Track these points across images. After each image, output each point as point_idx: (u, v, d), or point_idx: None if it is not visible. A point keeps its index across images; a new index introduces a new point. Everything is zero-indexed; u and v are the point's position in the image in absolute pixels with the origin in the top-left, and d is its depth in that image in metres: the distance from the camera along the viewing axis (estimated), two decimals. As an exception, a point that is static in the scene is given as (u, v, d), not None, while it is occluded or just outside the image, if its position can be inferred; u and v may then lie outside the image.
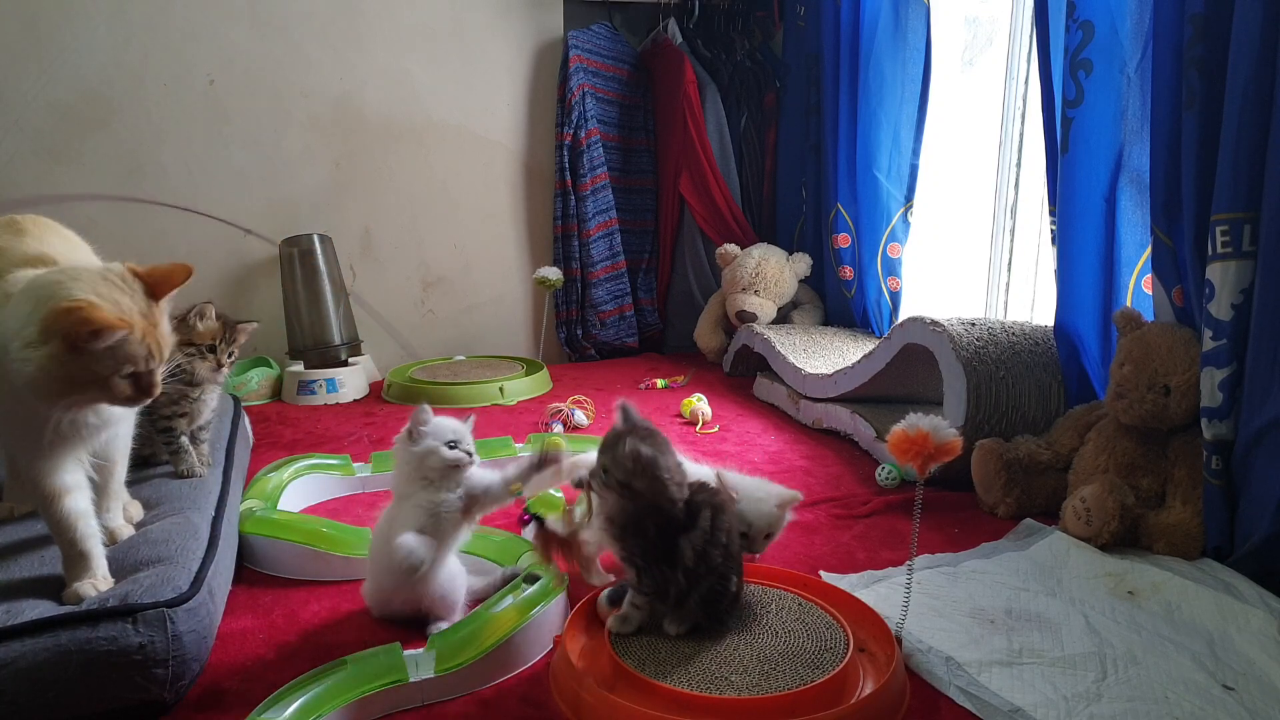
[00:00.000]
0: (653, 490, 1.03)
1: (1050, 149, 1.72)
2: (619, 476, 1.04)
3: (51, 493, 1.02)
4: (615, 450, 1.05)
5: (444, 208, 3.01)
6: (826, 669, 1.00)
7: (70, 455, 1.04)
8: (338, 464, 1.76)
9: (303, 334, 2.63)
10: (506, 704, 1.02)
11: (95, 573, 1.05)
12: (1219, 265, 1.29)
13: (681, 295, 3.30)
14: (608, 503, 1.08)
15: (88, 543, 1.05)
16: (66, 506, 1.04)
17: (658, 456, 1.03)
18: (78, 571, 1.05)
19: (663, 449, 1.06)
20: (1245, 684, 1.04)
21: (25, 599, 1.02)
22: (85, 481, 1.07)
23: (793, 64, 2.98)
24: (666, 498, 1.04)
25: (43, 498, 1.03)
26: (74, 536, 1.04)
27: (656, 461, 1.03)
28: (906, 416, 1.04)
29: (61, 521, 1.03)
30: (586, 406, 2.28)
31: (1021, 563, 1.38)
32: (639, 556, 1.06)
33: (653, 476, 1.03)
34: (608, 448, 1.07)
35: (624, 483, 1.04)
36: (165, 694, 0.98)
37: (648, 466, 1.02)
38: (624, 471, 1.03)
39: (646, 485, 1.03)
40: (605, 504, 1.08)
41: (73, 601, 1.02)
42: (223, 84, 2.63)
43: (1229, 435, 1.32)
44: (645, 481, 1.03)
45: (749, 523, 1.22)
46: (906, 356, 1.87)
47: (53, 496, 1.03)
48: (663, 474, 1.03)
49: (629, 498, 1.04)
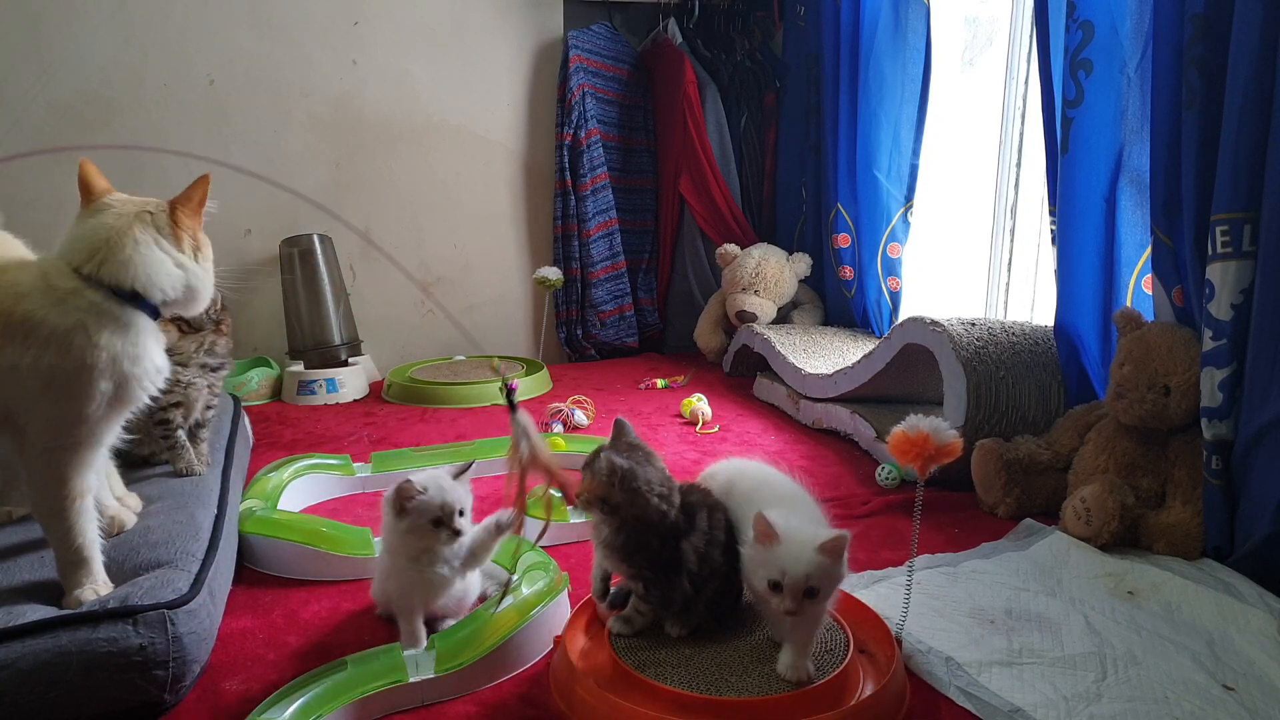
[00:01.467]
0: (631, 503, 1.02)
1: (1050, 149, 1.72)
2: (598, 492, 1.02)
3: (75, 492, 1.03)
4: (593, 466, 1.04)
5: (444, 208, 3.01)
6: (826, 670, 1.00)
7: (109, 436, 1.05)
8: (338, 464, 1.76)
9: (303, 334, 2.63)
10: (506, 704, 1.02)
11: (96, 580, 1.06)
12: (1219, 265, 1.29)
13: (681, 295, 3.30)
14: (599, 526, 1.06)
15: (92, 549, 1.06)
16: (82, 509, 1.04)
17: (634, 468, 1.02)
18: (78, 578, 1.05)
19: (643, 461, 1.04)
20: (1245, 684, 1.04)
21: (25, 601, 1.02)
22: (95, 484, 1.08)
23: (793, 64, 2.98)
24: (651, 510, 1.02)
25: (64, 497, 1.02)
26: (82, 541, 1.04)
27: (633, 473, 1.01)
28: (907, 418, 1.04)
29: (74, 525, 1.03)
30: (586, 406, 2.28)
31: (1021, 563, 1.38)
32: (646, 569, 1.05)
33: (629, 489, 1.01)
34: (587, 465, 1.05)
35: (602, 498, 1.02)
36: (165, 695, 0.98)
37: (623, 479, 1.01)
38: (601, 486, 1.02)
39: (625, 499, 1.02)
40: (599, 529, 1.07)
41: (74, 607, 1.02)
42: (223, 84, 2.63)
43: (1229, 435, 1.32)
44: (623, 494, 1.01)
45: (782, 570, 0.96)
46: (906, 356, 1.87)
47: (74, 496, 1.03)
48: (639, 485, 1.01)
49: (609, 513, 1.03)
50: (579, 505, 1.05)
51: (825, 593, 0.97)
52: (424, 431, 2.20)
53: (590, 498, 1.03)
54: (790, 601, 0.94)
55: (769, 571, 0.96)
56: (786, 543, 0.96)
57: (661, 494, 1.03)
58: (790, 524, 0.98)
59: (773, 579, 0.96)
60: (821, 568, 0.94)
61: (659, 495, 1.03)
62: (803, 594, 0.94)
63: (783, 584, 0.95)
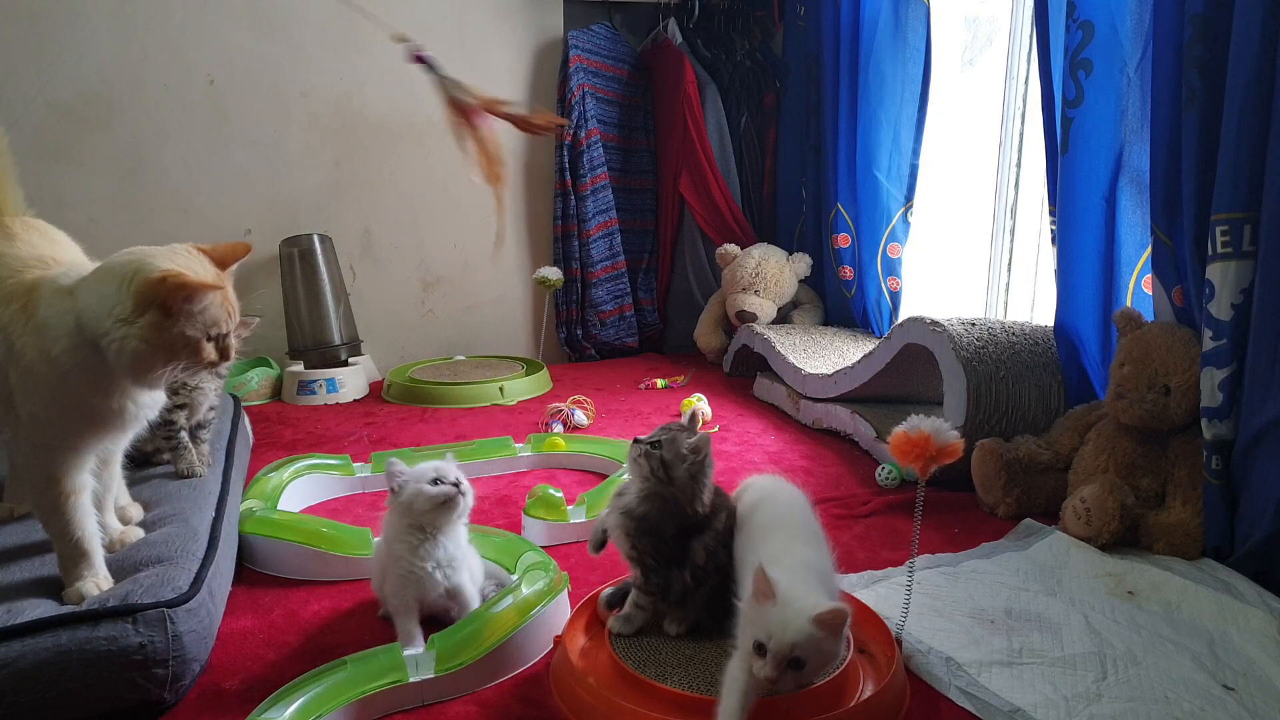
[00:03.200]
0: (684, 488, 1.04)
1: (1050, 149, 1.72)
2: (667, 456, 1.03)
3: (68, 490, 1.04)
4: (679, 436, 1.05)
5: (444, 208, 3.01)
6: (826, 670, 1.00)
7: (99, 448, 1.06)
8: (338, 464, 1.76)
9: (303, 334, 2.63)
10: (506, 704, 1.02)
11: (96, 573, 1.06)
12: (1219, 265, 1.29)
13: (681, 295, 3.30)
14: (629, 484, 1.07)
15: (91, 542, 1.06)
16: (77, 504, 1.05)
17: (709, 462, 1.05)
18: (79, 571, 1.05)
19: (711, 464, 1.07)
20: (1245, 684, 1.04)
21: (25, 600, 1.02)
22: (92, 482, 1.08)
23: (793, 64, 2.98)
24: (689, 502, 1.04)
25: (57, 495, 1.03)
26: (81, 535, 1.05)
27: (706, 466, 1.05)
28: (908, 418, 1.04)
29: (71, 520, 1.04)
30: (586, 406, 2.28)
31: (1021, 563, 1.38)
32: (650, 555, 1.05)
33: (694, 475, 1.04)
34: (671, 429, 1.06)
35: (668, 463, 1.03)
36: (165, 694, 0.98)
37: (700, 463, 1.04)
38: (675, 454, 1.03)
39: (684, 479, 1.04)
40: (625, 491, 1.08)
41: (74, 600, 1.02)
42: (223, 84, 2.63)
43: (1229, 435, 1.32)
44: (685, 476, 1.03)
45: (769, 633, 0.86)
46: (906, 356, 1.87)
47: (68, 493, 1.04)
48: (703, 479, 1.05)
49: (658, 483, 1.04)
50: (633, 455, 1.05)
51: (813, 667, 0.86)
52: (424, 431, 2.20)
53: (656, 455, 1.03)
54: (771, 669, 0.84)
55: (756, 631, 0.86)
56: (781, 605, 0.85)
57: (706, 500, 1.06)
58: (792, 585, 0.88)
59: (759, 640, 0.86)
60: (812, 640, 0.84)
61: (704, 501, 1.06)
62: (785, 663, 0.84)
63: (767, 648, 0.85)
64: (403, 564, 1.11)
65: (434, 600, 1.14)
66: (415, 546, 1.11)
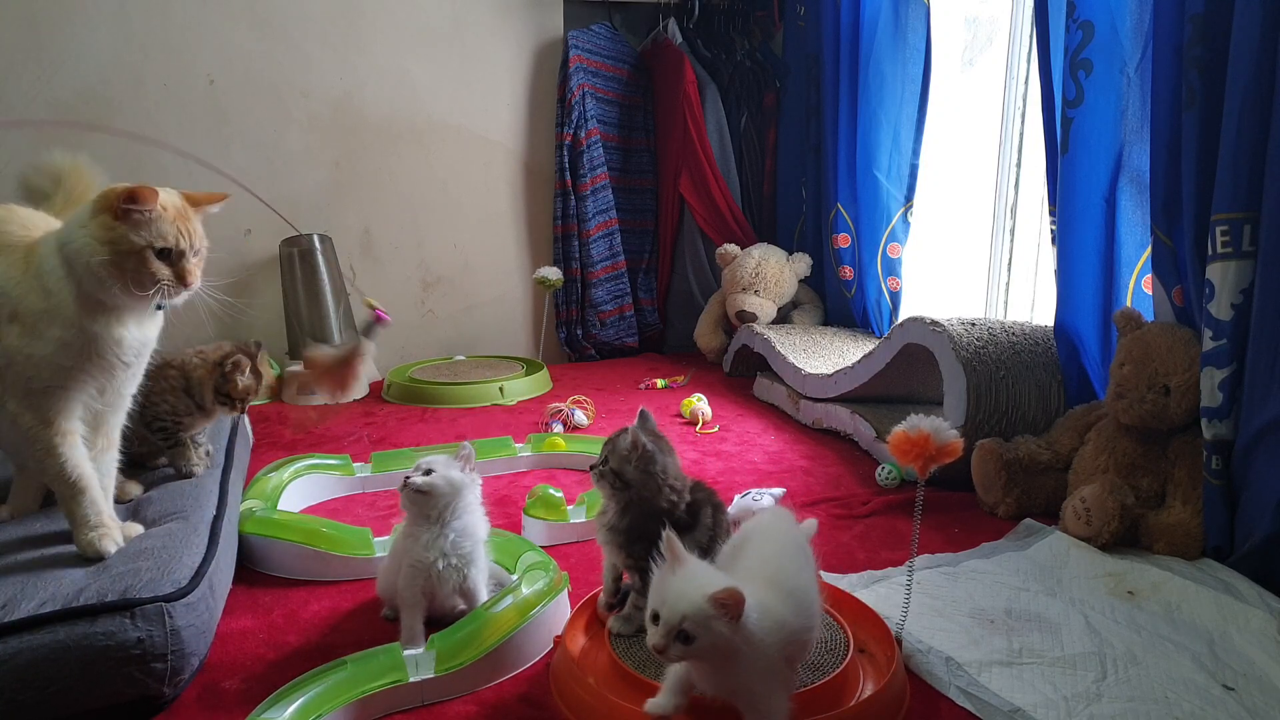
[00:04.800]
0: (643, 484, 1.04)
1: (1050, 149, 1.72)
2: (613, 465, 1.05)
3: (60, 430, 1.09)
4: (617, 440, 1.06)
5: (444, 208, 3.01)
6: (826, 670, 1.00)
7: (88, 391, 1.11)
8: (338, 464, 1.76)
9: (303, 334, 2.63)
10: (506, 704, 1.02)
11: (104, 521, 1.11)
12: (1219, 265, 1.29)
13: (681, 295, 3.30)
14: (606, 504, 1.08)
15: (89, 480, 1.11)
16: (73, 444, 1.10)
17: (655, 452, 1.05)
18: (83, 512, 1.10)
19: (664, 450, 1.07)
20: (1245, 684, 1.04)
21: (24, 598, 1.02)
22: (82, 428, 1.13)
23: (793, 64, 2.98)
24: (660, 496, 1.04)
25: (50, 435, 1.08)
26: (78, 474, 1.09)
27: (653, 456, 1.04)
28: (908, 418, 1.04)
29: (67, 459, 1.09)
30: (586, 406, 2.28)
31: (1021, 563, 1.38)
32: (644, 560, 1.05)
33: (645, 470, 1.04)
34: (611, 440, 1.08)
35: (616, 471, 1.05)
36: (164, 688, 0.99)
37: (643, 457, 1.04)
38: (618, 459, 1.05)
39: (638, 477, 1.04)
40: (605, 510, 1.08)
41: (91, 553, 1.07)
42: (223, 84, 2.63)
43: (1229, 435, 1.32)
44: (637, 473, 1.04)
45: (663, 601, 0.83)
46: (906, 356, 1.87)
47: (61, 434, 1.09)
48: (655, 469, 1.04)
49: (620, 489, 1.05)
50: (594, 480, 1.07)
51: (702, 646, 0.80)
52: (424, 431, 2.20)
53: (606, 470, 1.05)
54: (659, 637, 0.81)
55: (654, 599, 0.84)
56: (680, 577, 0.83)
57: (674, 485, 1.06)
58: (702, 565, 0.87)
59: (655, 608, 0.83)
60: (703, 616, 0.80)
61: (671, 486, 1.06)
62: (674, 633, 0.80)
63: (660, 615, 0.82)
64: (411, 554, 1.12)
65: (445, 597, 1.14)
66: (420, 536, 1.12)
